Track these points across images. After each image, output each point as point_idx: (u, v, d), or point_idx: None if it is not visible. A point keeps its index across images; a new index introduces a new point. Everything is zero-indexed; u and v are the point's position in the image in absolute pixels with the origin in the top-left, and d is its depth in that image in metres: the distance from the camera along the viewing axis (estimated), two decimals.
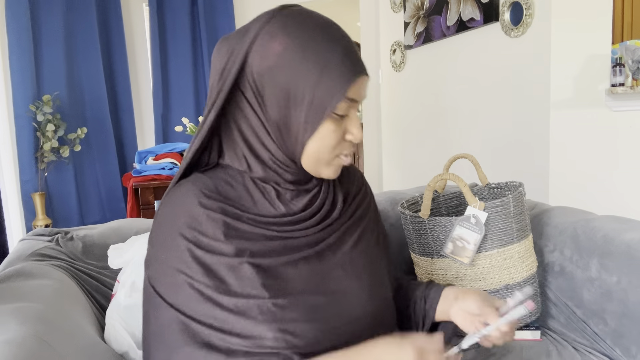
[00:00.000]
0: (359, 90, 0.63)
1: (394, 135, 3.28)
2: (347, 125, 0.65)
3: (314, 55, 0.61)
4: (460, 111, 2.58)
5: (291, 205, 0.69)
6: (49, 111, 3.33)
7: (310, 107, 0.62)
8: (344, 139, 0.65)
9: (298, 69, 0.60)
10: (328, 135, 0.63)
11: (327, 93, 0.61)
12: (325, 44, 0.61)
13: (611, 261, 1.04)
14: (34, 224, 3.40)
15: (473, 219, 1.06)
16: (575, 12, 1.97)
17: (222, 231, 0.63)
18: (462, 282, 1.12)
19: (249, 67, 0.63)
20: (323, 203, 0.72)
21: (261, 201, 0.68)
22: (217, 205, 0.65)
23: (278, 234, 0.66)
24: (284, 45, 0.61)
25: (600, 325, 1.05)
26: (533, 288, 1.14)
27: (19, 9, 3.31)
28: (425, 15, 2.74)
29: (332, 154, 0.65)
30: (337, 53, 0.61)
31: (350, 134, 0.65)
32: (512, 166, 2.23)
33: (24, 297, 0.74)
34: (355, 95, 0.63)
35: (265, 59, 0.62)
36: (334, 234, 0.71)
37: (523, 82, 2.14)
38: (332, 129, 0.63)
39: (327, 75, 0.60)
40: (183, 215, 0.64)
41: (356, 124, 0.65)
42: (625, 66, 2.03)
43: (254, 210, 0.67)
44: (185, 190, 0.66)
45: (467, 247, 1.07)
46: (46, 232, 1.04)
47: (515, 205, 1.10)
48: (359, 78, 0.62)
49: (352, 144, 0.67)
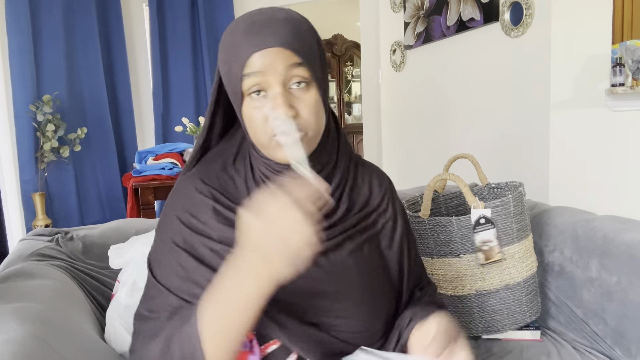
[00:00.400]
0: (261, 62, 0.60)
1: (394, 135, 3.28)
2: (270, 103, 0.62)
3: (225, 41, 0.64)
4: (460, 111, 2.58)
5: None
6: (49, 111, 3.32)
7: (230, 92, 0.65)
8: (270, 117, 0.62)
9: (220, 57, 0.64)
10: (249, 115, 0.63)
11: (233, 74, 0.62)
12: (234, 26, 0.63)
13: (611, 261, 1.04)
14: (34, 224, 3.40)
15: (482, 220, 1.07)
16: (575, 12, 1.97)
17: (211, 217, 0.66)
18: (462, 282, 1.12)
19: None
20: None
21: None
22: (210, 191, 0.68)
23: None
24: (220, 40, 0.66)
25: (600, 325, 1.05)
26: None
27: (19, 9, 3.31)
28: (425, 15, 2.74)
29: (265, 136, 0.63)
30: (239, 32, 0.62)
31: (272, 110, 0.61)
32: (512, 166, 2.23)
33: (24, 297, 0.74)
34: (257, 67, 0.60)
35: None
36: (339, 235, 0.70)
37: (523, 82, 2.14)
38: (252, 110, 0.63)
39: (232, 57, 0.62)
40: (181, 199, 0.69)
41: (272, 101, 0.61)
42: (625, 66, 2.03)
43: (244, 201, 0.67)
44: (186, 178, 0.72)
45: (492, 245, 1.07)
46: (46, 232, 1.04)
47: (515, 205, 1.10)
48: (257, 52, 0.60)
49: (294, 120, 0.62)
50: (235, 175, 0.71)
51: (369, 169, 0.80)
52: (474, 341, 1.14)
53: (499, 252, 1.08)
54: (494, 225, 1.07)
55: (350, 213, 0.72)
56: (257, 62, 0.60)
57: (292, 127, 0.61)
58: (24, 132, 3.36)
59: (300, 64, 0.61)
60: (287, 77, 0.61)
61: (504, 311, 1.12)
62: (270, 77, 0.61)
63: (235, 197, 0.69)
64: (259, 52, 0.60)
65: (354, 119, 5.81)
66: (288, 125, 0.61)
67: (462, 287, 1.12)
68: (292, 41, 0.61)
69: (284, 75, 0.61)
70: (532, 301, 1.15)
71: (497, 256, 1.08)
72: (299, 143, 0.62)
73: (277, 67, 0.60)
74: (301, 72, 0.62)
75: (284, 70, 0.61)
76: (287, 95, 0.61)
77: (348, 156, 0.76)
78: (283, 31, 0.61)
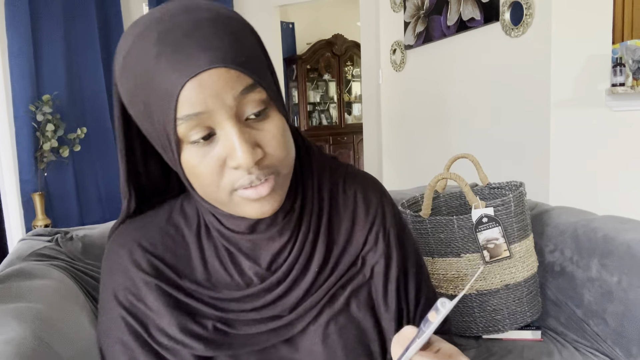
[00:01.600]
0: (199, 95, 0.41)
1: (394, 135, 3.28)
2: (223, 148, 0.44)
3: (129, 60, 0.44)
4: (461, 111, 2.58)
5: (247, 270, 0.53)
6: (48, 111, 3.32)
7: (154, 140, 0.47)
8: (227, 167, 0.45)
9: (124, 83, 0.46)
10: (194, 169, 0.45)
11: (157, 117, 0.44)
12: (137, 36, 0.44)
13: (612, 261, 1.04)
14: (33, 224, 3.40)
15: (485, 218, 1.06)
16: (575, 11, 1.97)
17: (157, 299, 0.51)
18: (462, 281, 1.11)
19: None
20: (294, 263, 0.53)
21: (212, 263, 0.53)
22: (152, 265, 0.52)
23: (224, 314, 0.52)
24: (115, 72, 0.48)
25: (600, 326, 1.05)
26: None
27: (18, 9, 3.30)
28: (426, 15, 2.74)
29: (223, 191, 0.46)
30: (148, 48, 0.42)
31: (231, 159, 0.44)
32: (513, 166, 2.23)
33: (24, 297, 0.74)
34: (195, 106, 0.42)
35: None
36: (307, 313, 0.53)
37: (523, 82, 2.14)
38: (197, 161, 0.45)
39: (150, 91, 0.43)
40: (118, 273, 0.53)
41: (232, 143, 0.43)
42: (625, 66, 2.03)
43: (200, 276, 0.53)
44: (122, 240, 0.55)
45: (499, 243, 1.07)
46: (46, 232, 1.04)
47: (516, 205, 1.10)
48: (189, 82, 0.41)
49: (258, 167, 0.44)
50: (186, 232, 0.55)
51: (357, 185, 0.60)
52: (475, 341, 1.14)
53: (505, 249, 1.08)
54: (499, 223, 1.07)
55: (327, 266, 0.55)
56: (192, 95, 0.41)
57: (262, 174, 0.45)
58: (24, 132, 3.36)
59: (253, 86, 0.43)
60: (240, 108, 0.43)
61: (505, 311, 1.12)
62: (218, 114, 0.42)
63: (187, 269, 0.53)
64: (192, 82, 0.41)
65: (354, 119, 5.81)
66: (256, 174, 0.45)
67: (462, 287, 1.12)
68: (234, 54, 0.42)
69: (235, 107, 0.43)
70: (533, 301, 1.15)
71: (505, 253, 1.08)
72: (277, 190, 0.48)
73: (224, 99, 0.42)
74: (257, 95, 0.44)
75: (234, 100, 0.42)
76: (246, 131, 0.44)
77: (320, 176, 0.57)
78: (217, 40, 0.42)
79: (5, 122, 3.42)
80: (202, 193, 0.48)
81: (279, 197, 0.48)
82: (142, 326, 0.51)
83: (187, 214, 0.56)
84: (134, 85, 0.44)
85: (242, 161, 0.43)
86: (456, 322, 1.15)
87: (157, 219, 0.56)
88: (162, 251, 0.53)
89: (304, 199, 0.55)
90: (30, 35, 3.37)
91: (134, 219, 0.57)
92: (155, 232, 0.54)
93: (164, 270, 0.52)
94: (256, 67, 0.44)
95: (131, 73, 0.44)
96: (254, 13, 3.80)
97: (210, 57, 0.41)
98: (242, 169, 0.44)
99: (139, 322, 0.51)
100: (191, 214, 0.55)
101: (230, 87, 0.42)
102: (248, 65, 0.43)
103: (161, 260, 0.53)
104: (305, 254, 0.54)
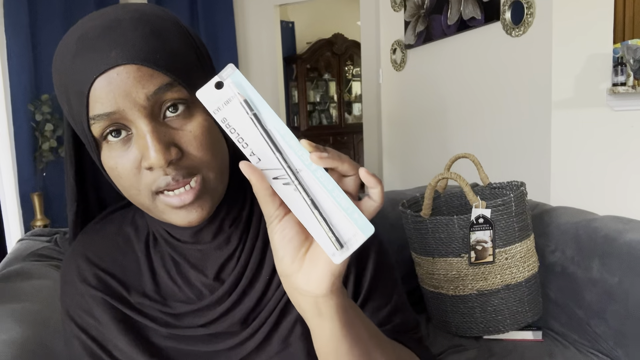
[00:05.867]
0: (108, 92, 0.40)
1: (394, 135, 3.28)
2: (137, 148, 0.42)
3: (56, 64, 0.44)
4: (461, 111, 2.58)
5: (194, 280, 0.50)
6: (47, 111, 3.32)
7: (82, 138, 0.45)
8: (142, 167, 0.43)
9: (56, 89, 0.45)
10: (112, 170, 0.44)
11: (75, 115, 0.43)
12: (63, 40, 0.44)
13: (613, 262, 1.03)
14: (32, 224, 3.40)
15: (481, 219, 1.06)
16: (576, 11, 1.97)
17: (106, 313, 0.49)
18: (463, 281, 1.11)
19: None
20: (242, 272, 0.50)
21: (160, 274, 0.51)
22: (99, 278, 0.50)
23: (174, 331, 0.49)
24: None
25: (602, 326, 1.05)
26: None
27: (17, 8, 3.30)
28: (426, 15, 2.73)
29: (144, 194, 0.44)
30: (68, 48, 0.42)
31: (145, 159, 0.42)
32: (513, 166, 2.23)
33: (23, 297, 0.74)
34: (104, 102, 0.40)
35: None
36: (262, 327, 0.50)
37: (524, 81, 2.14)
38: (115, 161, 0.43)
39: (66, 89, 0.42)
40: (69, 289, 0.51)
41: (144, 141, 0.41)
42: (626, 65, 2.02)
43: (149, 288, 0.51)
44: (71, 254, 0.53)
45: (487, 246, 1.07)
46: (45, 232, 1.03)
47: (516, 205, 1.10)
48: (99, 78, 0.40)
49: (175, 168, 0.42)
50: (135, 243, 0.52)
51: None
52: (475, 341, 1.13)
53: (490, 254, 1.08)
54: (492, 227, 1.06)
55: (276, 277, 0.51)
56: (102, 94, 0.40)
57: (180, 175, 0.42)
58: (22, 131, 3.35)
59: (171, 85, 0.41)
60: (154, 105, 0.42)
61: (506, 311, 1.11)
62: (130, 113, 0.41)
63: (136, 282, 0.51)
64: (100, 79, 0.40)
65: (354, 119, 5.80)
66: (172, 175, 0.42)
67: (463, 287, 1.11)
68: (149, 52, 0.41)
69: (148, 105, 0.41)
70: (534, 301, 1.14)
71: (489, 258, 1.08)
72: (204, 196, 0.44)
73: (134, 96, 0.40)
74: (175, 94, 0.42)
75: (145, 98, 0.41)
76: (161, 130, 0.42)
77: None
78: (133, 38, 0.41)
79: (4, 121, 3.41)
80: (127, 196, 0.46)
81: (207, 205, 0.45)
82: (95, 342, 0.50)
83: (138, 224, 0.54)
84: (58, 86, 0.44)
85: (154, 160, 0.40)
86: (457, 322, 1.15)
87: (107, 230, 0.54)
88: (109, 264, 0.51)
89: (252, 206, 0.53)
90: (29, 35, 3.37)
91: (87, 230, 0.55)
92: (103, 244, 0.53)
93: (110, 284, 0.50)
94: (176, 65, 0.42)
95: (56, 74, 0.43)
96: (253, 12, 3.80)
97: (119, 54, 0.40)
98: (155, 168, 0.41)
99: (91, 338, 0.50)
100: (141, 224, 0.53)
101: (141, 86, 0.40)
102: (164, 63, 0.41)
103: (108, 274, 0.51)
104: (255, 261, 0.51)
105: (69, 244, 0.56)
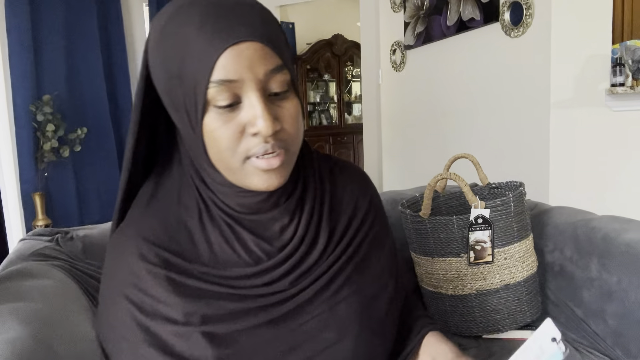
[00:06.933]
0: (235, 64, 0.46)
1: (394, 135, 3.28)
2: (246, 115, 0.48)
3: (166, 33, 0.48)
4: (461, 111, 2.58)
5: (253, 247, 0.55)
6: (49, 111, 3.32)
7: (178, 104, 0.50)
8: (246, 133, 0.48)
9: (156, 56, 0.50)
10: (214, 133, 0.48)
11: (189, 80, 0.47)
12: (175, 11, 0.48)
13: (611, 261, 1.04)
14: (33, 224, 3.40)
15: (480, 219, 1.07)
16: (575, 12, 1.97)
17: (166, 290, 0.52)
18: (462, 281, 1.12)
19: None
20: (301, 241, 0.56)
21: (218, 243, 0.55)
22: (160, 257, 0.53)
23: (235, 291, 0.53)
24: (150, 38, 0.51)
25: (600, 325, 1.05)
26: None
27: (19, 9, 3.31)
28: (425, 15, 2.74)
29: (238, 157, 0.49)
30: (192, 19, 0.46)
31: (252, 126, 0.48)
32: (512, 166, 2.23)
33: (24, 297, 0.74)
34: (231, 72, 0.46)
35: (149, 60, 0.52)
36: (312, 284, 0.56)
37: (523, 82, 2.14)
38: (219, 125, 0.48)
39: (186, 56, 0.47)
40: (123, 270, 0.53)
41: (256, 111, 0.47)
42: (625, 66, 2.03)
43: (207, 259, 0.54)
44: (125, 238, 0.55)
45: (485, 246, 1.07)
46: (46, 232, 1.04)
47: (515, 205, 1.10)
48: (229, 49, 0.45)
49: (274, 138, 0.48)
50: (188, 221, 0.55)
51: (347, 170, 0.66)
52: (475, 341, 1.14)
53: (489, 254, 1.08)
54: (491, 227, 1.07)
55: (331, 243, 0.59)
56: (230, 64, 0.46)
57: (276, 145, 0.49)
58: (24, 132, 3.36)
59: (281, 67, 0.48)
60: (267, 82, 0.48)
61: (505, 311, 1.12)
62: (248, 84, 0.47)
63: (193, 255, 0.54)
64: (231, 50, 0.45)
65: (354, 119, 5.81)
66: (271, 144, 0.48)
67: (462, 287, 1.12)
68: (268, 34, 0.47)
69: (264, 80, 0.48)
70: (533, 301, 1.15)
71: (488, 258, 1.08)
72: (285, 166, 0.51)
73: (257, 72, 0.47)
74: (283, 77, 0.49)
75: (264, 74, 0.47)
76: (269, 104, 0.48)
77: (318, 162, 0.63)
78: (256, 20, 0.47)
79: (6, 122, 3.42)
80: (216, 158, 0.50)
81: (285, 173, 0.52)
82: (151, 319, 0.51)
83: (186, 204, 0.56)
84: (172, 49, 0.47)
85: (262, 128, 0.47)
86: (456, 322, 1.15)
87: (155, 213, 0.56)
88: (167, 242, 0.54)
89: (306, 184, 0.59)
90: (31, 35, 3.38)
91: (134, 215, 0.58)
92: (156, 225, 0.55)
93: (171, 260, 0.53)
94: (283, 51, 0.49)
95: (170, 38, 0.48)
96: None
97: (249, 31, 0.46)
98: (261, 135, 0.47)
99: (148, 315, 0.51)
100: (190, 204, 0.56)
101: (263, 63, 0.47)
102: (279, 47, 0.48)
103: (168, 251, 0.54)
104: (311, 234, 0.57)
105: (114, 225, 0.59)
